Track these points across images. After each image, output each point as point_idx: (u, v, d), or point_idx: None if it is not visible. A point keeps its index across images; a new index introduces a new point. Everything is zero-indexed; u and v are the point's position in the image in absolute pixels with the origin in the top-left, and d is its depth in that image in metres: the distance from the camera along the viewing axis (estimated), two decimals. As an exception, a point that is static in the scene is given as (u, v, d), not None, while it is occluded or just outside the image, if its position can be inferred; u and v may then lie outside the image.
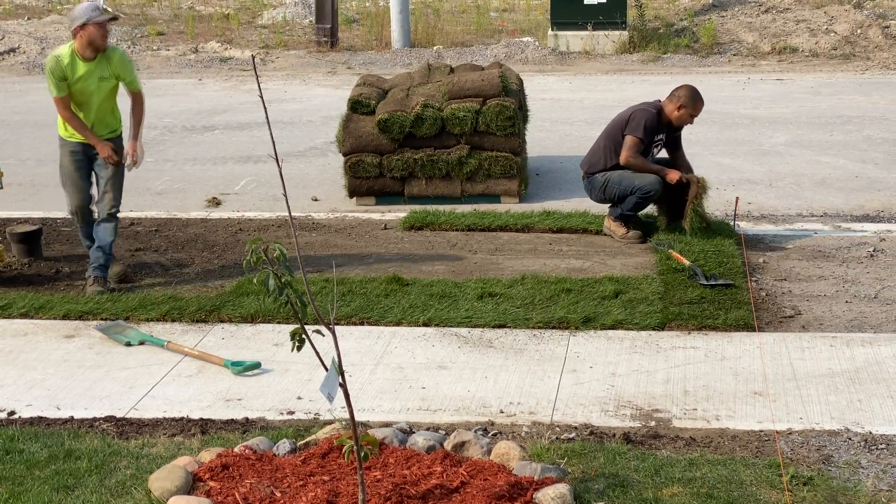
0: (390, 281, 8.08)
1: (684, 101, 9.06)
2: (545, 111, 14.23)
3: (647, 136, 9.05)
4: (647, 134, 9.05)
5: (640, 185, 9.03)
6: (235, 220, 10.07)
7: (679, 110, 9.08)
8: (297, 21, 23.53)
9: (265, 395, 6.40)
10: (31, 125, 14.79)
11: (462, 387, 6.45)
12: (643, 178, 9.04)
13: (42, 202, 10.95)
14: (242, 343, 7.20)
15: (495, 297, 7.75)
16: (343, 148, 10.60)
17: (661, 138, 9.24)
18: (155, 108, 15.90)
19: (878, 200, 10.38)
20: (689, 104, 9.06)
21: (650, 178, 9.03)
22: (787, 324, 7.35)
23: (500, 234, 9.51)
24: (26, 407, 6.30)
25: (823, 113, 14.39)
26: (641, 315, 7.38)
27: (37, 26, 22.25)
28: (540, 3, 24.32)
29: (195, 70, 19.77)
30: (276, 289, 4.38)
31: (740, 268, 8.27)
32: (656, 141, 9.20)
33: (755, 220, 9.84)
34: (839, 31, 19.71)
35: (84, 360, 6.96)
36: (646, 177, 9.04)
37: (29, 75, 19.41)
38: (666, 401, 6.21)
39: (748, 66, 18.71)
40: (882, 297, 7.81)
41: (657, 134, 9.16)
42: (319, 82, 18.25)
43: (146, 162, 12.59)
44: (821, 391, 6.28)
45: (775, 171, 11.57)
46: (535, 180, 11.29)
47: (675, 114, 9.10)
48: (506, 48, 20.06)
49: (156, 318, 7.60)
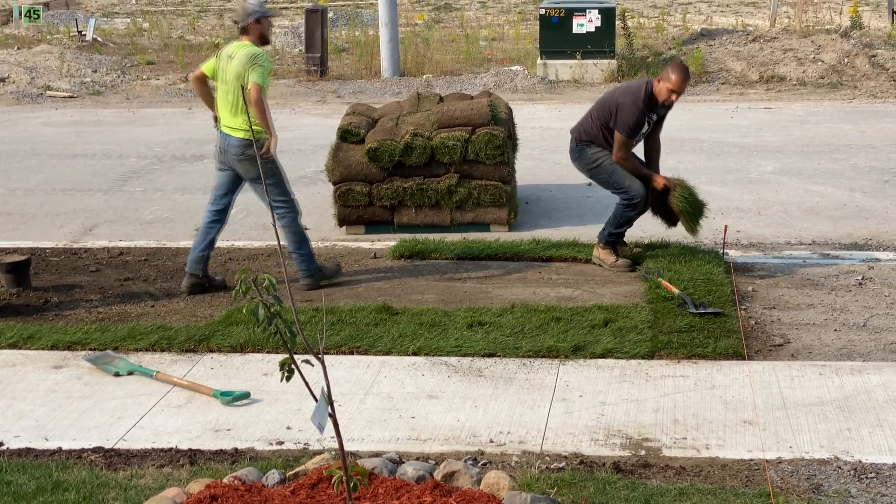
0: (380, 310, 8.08)
1: (664, 75, 8.91)
2: (534, 140, 14.26)
3: (635, 132, 8.97)
4: (635, 131, 8.96)
5: (627, 187, 9.06)
6: (225, 250, 10.06)
7: (659, 83, 8.93)
8: (287, 50, 23.58)
9: (254, 425, 6.39)
10: (20, 155, 14.78)
11: (452, 416, 6.44)
12: (633, 181, 9.07)
13: (31, 232, 10.94)
14: (232, 373, 7.18)
15: (485, 326, 7.75)
16: (332, 177, 10.61)
17: (650, 118, 9.09)
18: (144, 137, 15.93)
19: (866, 229, 10.41)
20: (667, 77, 8.86)
21: (637, 185, 9.04)
22: (777, 352, 7.36)
23: (490, 262, 9.52)
24: (14, 438, 6.28)
25: (811, 141, 14.44)
26: (631, 344, 7.38)
27: (27, 56, 22.25)
28: (529, 33, 24.42)
29: (185, 99, 19.79)
30: (265, 319, 4.38)
31: (729, 296, 8.29)
32: (648, 120, 9.08)
33: (744, 249, 9.86)
34: (826, 60, 19.80)
35: (72, 391, 6.94)
36: (635, 181, 9.06)
37: (18, 105, 19.41)
38: (656, 430, 6.21)
39: (736, 94, 18.79)
40: (871, 326, 7.82)
41: (649, 115, 9.03)
42: (309, 111, 18.27)
43: (135, 191, 12.61)
44: (810, 420, 6.28)
45: (764, 199, 11.60)
46: (525, 209, 11.31)
47: (657, 88, 8.94)
48: (495, 77, 20.11)
49: (145, 347, 7.58)
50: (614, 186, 9.16)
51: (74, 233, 10.89)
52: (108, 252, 10.07)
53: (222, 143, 8.64)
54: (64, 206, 11.97)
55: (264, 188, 8.25)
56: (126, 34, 26.73)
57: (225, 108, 8.62)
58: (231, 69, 8.51)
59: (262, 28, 8.64)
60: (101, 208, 11.88)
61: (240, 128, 8.51)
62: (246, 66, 8.42)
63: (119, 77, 21.50)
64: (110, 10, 33.39)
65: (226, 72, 8.56)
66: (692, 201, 9.07)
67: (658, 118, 9.19)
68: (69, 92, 20.31)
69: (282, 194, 8.72)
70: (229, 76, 8.52)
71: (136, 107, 19.08)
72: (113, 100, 19.88)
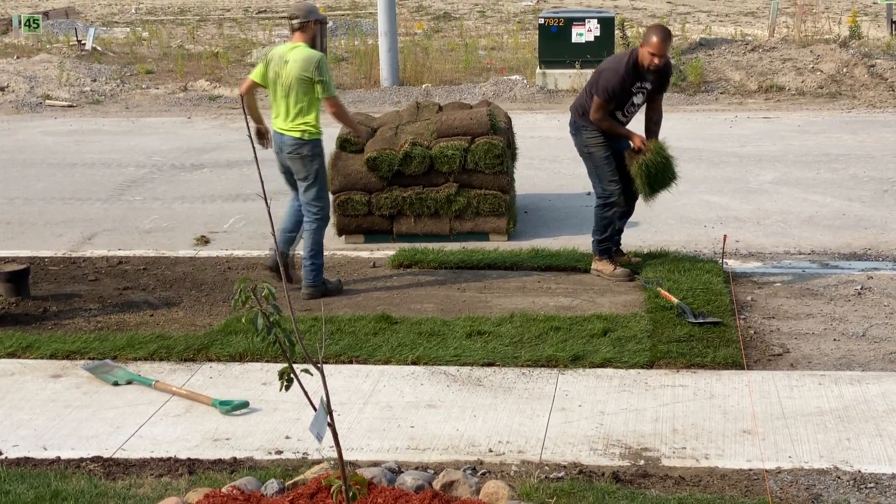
0: (379, 319, 8.08)
1: (645, 39, 8.77)
2: (533, 149, 14.27)
3: (613, 97, 8.83)
4: (613, 96, 8.82)
5: (606, 185, 9.09)
6: (224, 259, 10.06)
7: (642, 48, 8.77)
8: (286, 59, 23.59)
9: (253, 434, 6.38)
10: (20, 164, 14.79)
11: (451, 426, 6.44)
12: (613, 183, 9.07)
13: (30, 241, 10.93)
14: (231, 382, 7.18)
15: (484, 335, 7.75)
16: (331, 186, 10.60)
17: (642, 86, 8.93)
18: (144, 146, 15.94)
19: (865, 238, 10.41)
20: (648, 41, 8.71)
21: (615, 189, 9.07)
22: (776, 362, 7.36)
23: (489, 271, 9.51)
24: (13, 447, 6.27)
25: (810, 151, 14.45)
26: (630, 353, 7.38)
27: (26, 65, 22.28)
28: (528, 42, 24.45)
29: (184, 108, 19.80)
30: (264, 328, 4.37)
31: (728, 306, 8.28)
32: (637, 90, 8.93)
33: (743, 258, 9.86)
34: (825, 70, 19.83)
35: (71, 400, 6.94)
36: (615, 184, 9.06)
37: (18, 114, 19.42)
38: (655, 439, 6.20)
39: (735, 104, 18.80)
40: (870, 336, 7.82)
41: (634, 83, 8.87)
42: (308, 120, 18.26)
43: (135, 200, 12.62)
44: (810, 430, 6.27)
45: (763, 208, 11.61)
46: (524, 218, 11.31)
47: (640, 53, 8.77)
48: (494, 86, 20.13)
49: (143, 357, 7.58)
50: (596, 179, 9.18)
51: (73, 242, 10.89)
52: (106, 261, 10.07)
53: (279, 142, 8.78)
54: (63, 215, 11.97)
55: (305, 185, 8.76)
56: (125, 43, 26.76)
57: (282, 110, 8.69)
58: (291, 72, 8.58)
59: (315, 31, 8.77)
60: (100, 217, 11.88)
61: (295, 128, 8.65)
62: (311, 71, 8.55)
63: (118, 86, 21.52)
64: (110, 19, 33.43)
65: (282, 75, 8.62)
66: (654, 171, 8.94)
67: (654, 88, 9.02)
68: (68, 101, 20.33)
69: (319, 200, 8.85)
70: (289, 80, 8.59)
71: (136, 116, 19.09)
72: (112, 109, 19.89)
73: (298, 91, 8.58)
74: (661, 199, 9.25)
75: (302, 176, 8.79)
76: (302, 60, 8.56)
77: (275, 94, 8.72)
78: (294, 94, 8.60)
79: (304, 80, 8.56)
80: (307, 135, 8.67)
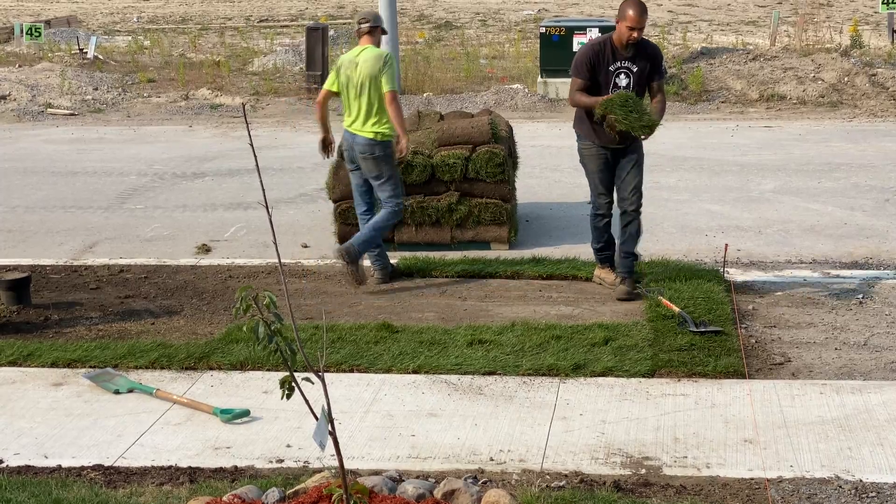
0: (380, 328, 8.07)
1: (620, 13, 8.47)
2: (535, 158, 14.28)
3: (584, 72, 8.55)
4: (582, 70, 8.56)
5: (594, 196, 8.94)
6: (225, 267, 10.07)
7: (619, 25, 8.47)
8: (288, 68, 23.62)
9: (254, 443, 6.38)
10: (21, 172, 14.80)
11: (452, 434, 6.43)
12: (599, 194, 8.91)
13: (31, 249, 10.94)
14: (231, 390, 7.18)
15: (485, 344, 7.74)
16: (333, 195, 10.61)
17: (622, 66, 8.59)
18: (145, 154, 15.95)
19: (866, 247, 10.41)
20: (623, 15, 8.42)
21: (600, 200, 8.90)
22: (777, 371, 7.35)
23: (490, 280, 9.51)
24: (14, 455, 6.26)
25: (811, 160, 14.46)
26: (631, 362, 7.37)
27: (28, 74, 22.30)
28: (529, 51, 24.47)
29: (185, 117, 19.82)
30: (265, 336, 4.38)
31: (730, 315, 8.28)
32: (617, 70, 8.59)
33: (744, 267, 9.86)
34: (826, 79, 19.84)
35: (72, 409, 6.93)
36: (600, 196, 8.90)
37: (19, 122, 19.44)
38: (656, 448, 6.20)
39: (736, 113, 18.81)
40: (871, 345, 7.82)
41: (612, 62, 8.56)
42: (310, 129, 18.28)
43: (136, 208, 12.62)
44: (811, 439, 6.27)
45: (764, 217, 11.61)
46: (525, 227, 11.31)
47: (616, 30, 8.50)
48: (495, 95, 20.15)
49: (144, 365, 7.57)
50: (590, 184, 9.03)
51: (75, 250, 10.90)
52: (108, 269, 10.07)
53: (350, 142, 9.23)
54: (64, 224, 11.98)
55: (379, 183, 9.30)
56: (127, 52, 26.78)
57: (355, 111, 9.18)
58: (363, 72, 9.09)
59: (380, 37, 9.39)
60: (102, 226, 11.88)
61: (369, 130, 9.13)
62: (379, 65, 9.08)
63: (120, 95, 21.54)
64: (112, 28, 33.48)
65: (353, 77, 9.13)
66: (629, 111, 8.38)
67: (645, 72, 8.64)
68: (70, 109, 20.35)
69: (394, 195, 9.34)
70: (361, 79, 9.10)
71: (137, 124, 19.11)
72: (114, 117, 19.92)
73: (370, 90, 9.09)
74: (663, 207, 9.23)
75: (375, 175, 9.27)
76: (372, 59, 9.11)
77: (347, 97, 9.22)
78: (366, 93, 9.11)
79: (374, 78, 9.08)
80: (379, 136, 9.16)
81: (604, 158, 8.87)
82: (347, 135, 9.27)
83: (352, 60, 9.20)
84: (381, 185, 9.29)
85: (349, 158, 9.38)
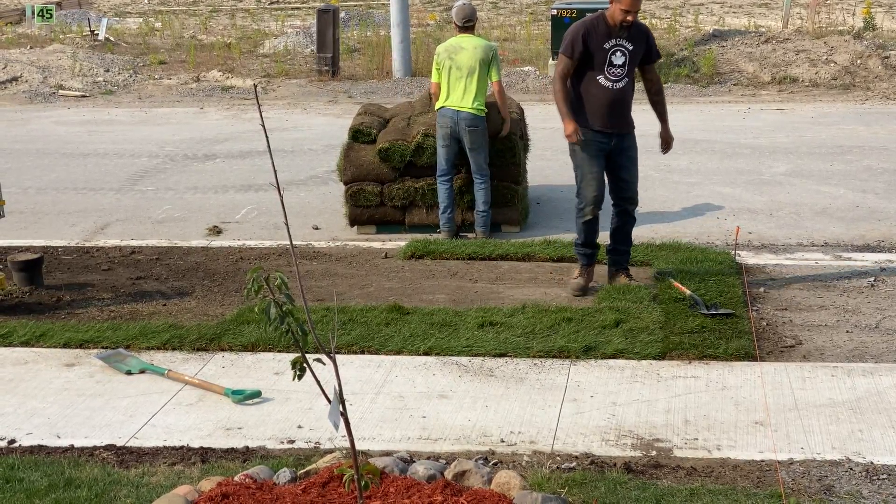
0: (391, 310, 8.08)
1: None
2: (546, 140, 14.24)
3: (578, 48, 8.17)
4: (577, 45, 8.17)
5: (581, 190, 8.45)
6: (236, 249, 10.08)
7: (612, 5, 8.17)
8: (299, 50, 23.60)
9: (266, 423, 6.40)
10: (33, 154, 14.82)
11: (463, 416, 6.44)
12: (588, 189, 8.40)
13: (43, 230, 10.96)
14: (243, 372, 7.19)
15: (496, 326, 7.75)
16: (344, 177, 10.61)
17: (618, 44, 8.23)
18: (156, 136, 15.97)
19: (878, 230, 10.38)
20: None
21: (590, 196, 8.40)
22: (788, 353, 7.35)
23: (501, 262, 9.51)
24: (26, 435, 6.29)
25: (824, 143, 14.41)
26: (642, 344, 7.37)
27: (39, 55, 22.31)
28: (540, 33, 24.41)
29: (197, 99, 19.82)
30: (276, 318, 4.38)
31: (741, 297, 8.27)
32: (612, 48, 8.23)
33: (756, 250, 9.84)
34: (839, 62, 19.76)
35: (84, 389, 6.96)
36: (590, 191, 8.39)
37: (31, 104, 19.46)
38: (667, 430, 6.20)
39: (748, 95, 18.76)
40: (883, 327, 7.80)
41: (607, 40, 8.20)
42: (321, 111, 18.29)
43: (147, 190, 12.64)
44: (822, 421, 6.27)
45: (776, 200, 11.58)
46: (536, 209, 11.30)
47: (610, 11, 8.19)
48: (507, 77, 20.09)
49: (156, 346, 7.59)
50: (576, 179, 8.52)
51: (86, 231, 10.92)
52: (119, 251, 10.09)
53: (454, 118, 10.07)
54: (76, 205, 12.00)
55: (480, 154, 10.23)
56: (138, 34, 26.77)
57: (460, 90, 10.09)
58: (473, 56, 10.10)
59: None
60: (113, 207, 11.90)
61: (473, 107, 10.06)
62: (489, 56, 10.15)
63: (131, 76, 21.55)
64: (122, 9, 33.47)
65: (458, 60, 10.12)
66: None
67: (639, 54, 8.34)
68: (81, 91, 20.36)
69: (487, 160, 10.29)
70: (470, 62, 10.09)
71: (148, 106, 19.12)
72: (125, 99, 19.93)
73: (479, 73, 10.08)
74: (674, 189, 9.20)
75: (476, 145, 10.13)
76: (483, 48, 10.16)
77: (448, 78, 10.14)
78: (475, 75, 10.07)
79: (483, 63, 10.08)
80: (482, 112, 10.11)
81: (598, 147, 8.37)
82: (450, 112, 10.07)
83: (455, 46, 10.19)
84: (478, 154, 10.17)
85: (448, 134, 10.09)
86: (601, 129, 8.38)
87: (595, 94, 8.32)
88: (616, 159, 8.47)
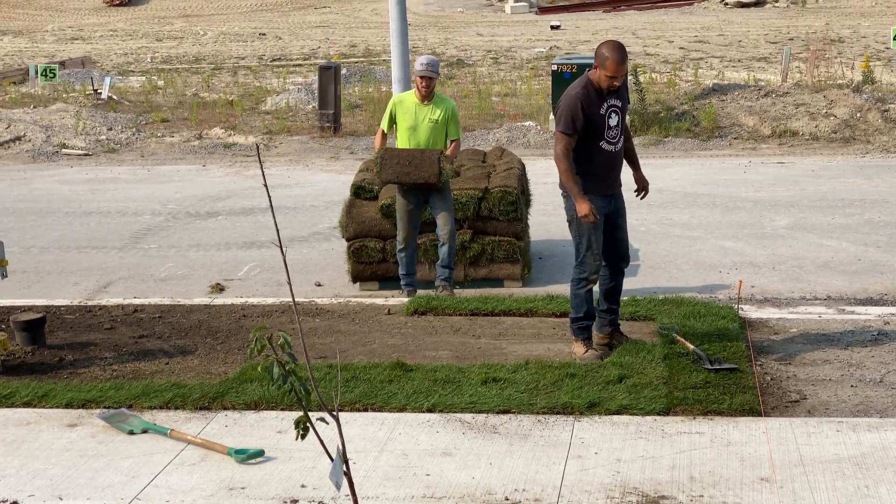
0: (394, 366, 8.06)
1: (598, 61, 8.01)
2: (547, 195, 14.25)
3: (580, 123, 7.97)
4: (579, 121, 7.97)
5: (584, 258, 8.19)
6: (239, 306, 10.08)
7: (597, 71, 8.03)
8: (301, 107, 23.72)
9: (269, 483, 6.37)
10: (36, 213, 14.87)
11: (467, 473, 6.41)
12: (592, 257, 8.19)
13: (46, 289, 10.98)
14: (246, 430, 7.17)
15: (499, 382, 7.73)
16: (346, 233, 10.64)
17: (611, 105, 8.12)
18: (159, 194, 16.02)
19: (881, 283, 10.39)
20: (602, 64, 7.99)
21: (594, 265, 8.20)
22: (793, 408, 7.32)
23: (504, 318, 9.50)
24: (28, 497, 6.26)
25: (825, 196, 14.45)
26: (646, 400, 7.35)
27: (42, 114, 22.43)
28: (541, 88, 24.54)
29: (199, 156, 19.90)
30: (280, 376, 4.38)
31: (745, 352, 8.26)
32: (607, 110, 8.10)
33: (759, 304, 9.84)
34: (839, 115, 19.85)
35: (87, 449, 6.93)
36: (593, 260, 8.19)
37: (34, 163, 19.55)
38: (672, 487, 6.17)
39: (749, 149, 18.83)
40: (887, 381, 7.78)
41: (601, 106, 8.06)
42: (323, 167, 18.36)
43: (150, 248, 12.66)
44: (828, 477, 6.23)
45: (778, 254, 11.59)
46: (539, 264, 11.32)
47: (595, 76, 8.06)
48: (508, 132, 20.20)
49: (159, 405, 7.57)
50: (576, 248, 8.29)
51: (89, 290, 10.93)
52: (122, 309, 10.09)
53: None
54: (79, 264, 12.02)
55: None
56: (141, 92, 26.91)
57: None
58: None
59: None
60: (116, 265, 11.92)
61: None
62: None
63: (134, 134, 21.65)
64: (125, 68, 33.66)
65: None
66: None
67: (623, 104, 8.26)
68: (84, 150, 20.45)
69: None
70: None
71: (151, 164, 19.19)
72: (128, 157, 20.01)
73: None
74: (676, 244, 9.23)
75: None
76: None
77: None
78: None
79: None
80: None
81: (601, 213, 8.19)
82: None
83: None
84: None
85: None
86: (605, 194, 8.29)
87: (600, 160, 8.20)
88: (612, 219, 8.36)
